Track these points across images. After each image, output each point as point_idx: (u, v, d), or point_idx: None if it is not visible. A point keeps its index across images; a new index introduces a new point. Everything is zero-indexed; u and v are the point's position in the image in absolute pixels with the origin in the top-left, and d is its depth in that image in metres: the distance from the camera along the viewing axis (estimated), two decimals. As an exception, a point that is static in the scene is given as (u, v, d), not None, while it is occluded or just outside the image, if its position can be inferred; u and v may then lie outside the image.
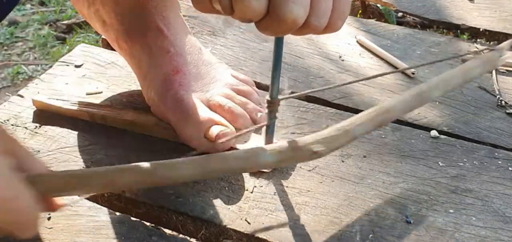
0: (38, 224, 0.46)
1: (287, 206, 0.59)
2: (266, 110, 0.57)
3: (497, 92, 0.77)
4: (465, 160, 0.65)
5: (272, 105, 0.57)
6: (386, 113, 0.54)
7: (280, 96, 0.57)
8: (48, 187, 0.47)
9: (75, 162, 0.64)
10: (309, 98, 0.75)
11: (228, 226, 0.57)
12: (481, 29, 0.95)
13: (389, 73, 0.71)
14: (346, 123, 0.52)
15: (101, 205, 0.60)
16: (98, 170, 0.48)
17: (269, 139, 0.63)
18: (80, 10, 0.74)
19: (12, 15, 1.50)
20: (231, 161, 0.49)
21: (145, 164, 0.48)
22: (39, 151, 0.66)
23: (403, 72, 0.81)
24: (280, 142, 0.51)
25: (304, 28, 0.45)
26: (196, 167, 0.48)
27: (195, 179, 0.60)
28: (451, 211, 0.59)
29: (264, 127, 0.59)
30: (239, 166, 0.50)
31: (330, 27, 0.47)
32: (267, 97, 0.56)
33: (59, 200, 0.49)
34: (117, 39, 0.71)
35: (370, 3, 1.07)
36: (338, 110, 0.73)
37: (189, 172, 0.48)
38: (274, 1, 0.43)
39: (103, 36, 0.88)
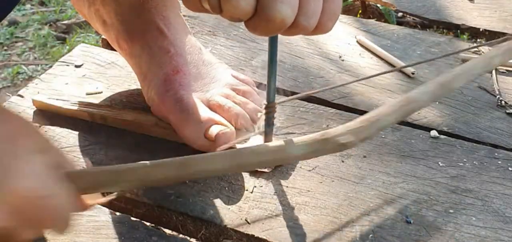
0: (71, 222, 0.46)
1: (287, 206, 0.59)
2: (264, 116, 0.57)
3: (497, 92, 0.77)
4: (465, 160, 0.66)
5: (270, 109, 0.57)
6: (412, 103, 0.53)
7: (277, 100, 0.57)
8: (81, 184, 0.47)
9: (75, 162, 0.64)
10: (309, 99, 0.75)
11: (228, 226, 0.57)
12: (481, 29, 0.95)
13: (387, 72, 0.71)
14: (373, 113, 0.52)
15: (101, 205, 0.60)
16: (131, 166, 0.49)
17: (268, 139, 0.63)
18: (81, 10, 0.74)
19: (12, 15, 1.50)
20: (262, 155, 0.49)
21: (178, 159, 0.49)
22: (39, 151, 0.66)
23: (402, 71, 0.81)
24: (309, 135, 0.51)
25: (293, 28, 0.45)
26: (228, 160, 0.49)
27: (227, 172, 0.61)
28: (451, 211, 0.59)
29: (265, 113, 0.58)
30: (269, 159, 0.50)
31: (320, 28, 0.47)
32: (264, 101, 0.57)
33: (90, 199, 0.50)
34: (117, 39, 0.71)
35: (370, 3, 1.07)
36: (338, 110, 0.73)
37: (221, 165, 0.49)
38: (262, 1, 0.43)
39: (103, 36, 0.88)
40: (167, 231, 0.58)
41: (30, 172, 0.43)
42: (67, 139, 0.68)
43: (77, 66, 0.81)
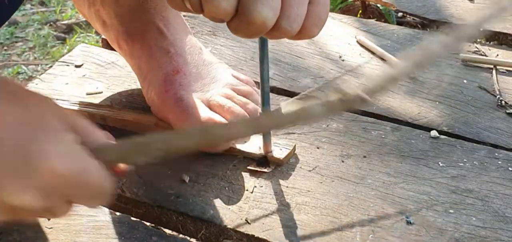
0: (109, 193, 0.48)
1: (287, 206, 0.59)
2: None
3: (497, 92, 0.77)
4: (465, 160, 0.65)
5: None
6: (424, 56, 0.51)
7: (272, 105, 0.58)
8: (111, 157, 0.49)
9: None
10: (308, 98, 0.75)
11: (228, 226, 0.57)
12: (481, 29, 0.95)
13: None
14: (390, 68, 0.51)
15: (101, 205, 0.60)
16: (154, 136, 0.51)
17: (266, 140, 0.63)
18: (81, 10, 0.74)
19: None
20: (284, 117, 0.49)
21: (201, 126, 0.52)
22: (39, 151, 0.66)
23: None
24: (327, 94, 0.51)
25: (275, 31, 0.45)
26: (249, 125, 0.50)
27: (248, 136, 0.62)
28: (451, 211, 0.59)
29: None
30: (291, 120, 0.50)
31: (304, 33, 0.46)
32: (259, 110, 0.57)
33: (123, 166, 0.52)
34: (117, 39, 0.71)
35: (370, 3, 1.07)
36: (338, 110, 0.73)
37: (243, 129, 0.49)
38: (243, 2, 0.43)
39: (103, 36, 0.88)
40: (167, 231, 0.58)
41: (62, 151, 0.44)
42: (67, 139, 0.68)
43: (77, 66, 0.81)
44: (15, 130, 0.44)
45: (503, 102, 0.75)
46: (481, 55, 0.85)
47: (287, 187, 0.61)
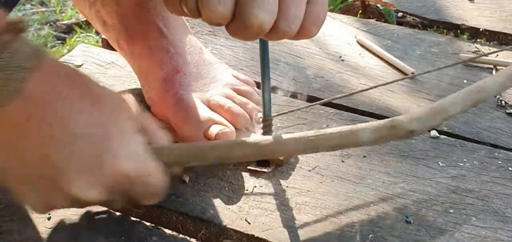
0: (163, 193, 0.52)
1: (287, 206, 0.59)
2: (261, 130, 0.58)
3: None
4: (465, 160, 0.65)
5: (267, 124, 0.58)
6: (481, 92, 0.53)
7: (273, 114, 0.59)
8: (170, 159, 0.53)
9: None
10: (309, 99, 0.75)
11: (228, 226, 0.57)
12: (481, 29, 0.95)
13: (400, 79, 0.71)
14: (441, 101, 0.53)
15: (101, 205, 0.60)
16: (214, 144, 0.55)
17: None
18: (81, 10, 0.74)
19: (12, 15, 1.50)
20: (333, 139, 0.51)
21: (257, 138, 0.54)
22: (39, 151, 0.66)
23: (401, 71, 0.81)
24: (377, 121, 0.52)
25: (274, 33, 0.45)
26: (302, 143, 0.52)
27: (301, 154, 0.63)
28: (451, 211, 0.59)
29: (262, 128, 0.59)
30: (339, 143, 0.52)
31: (303, 33, 0.46)
32: (260, 115, 0.57)
33: (176, 168, 0.56)
34: (118, 39, 0.71)
35: (370, 3, 1.07)
36: (338, 110, 0.73)
37: (296, 147, 0.52)
38: (240, 6, 0.43)
39: (103, 36, 0.88)
40: (167, 231, 0.58)
41: (130, 153, 0.48)
42: (67, 139, 0.68)
43: (77, 66, 0.81)
44: (90, 129, 0.46)
45: (503, 102, 0.75)
46: (481, 55, 0.85)
47: (287, 187, 0.61)
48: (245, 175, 0.63)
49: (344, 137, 0.51)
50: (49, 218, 0.58)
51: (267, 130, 0.59)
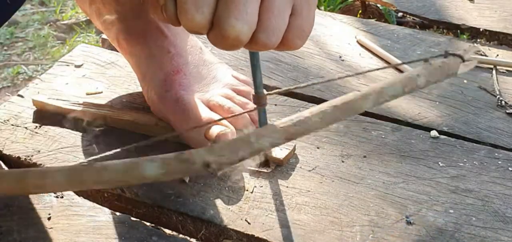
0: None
1: (287, 206, 0.59)
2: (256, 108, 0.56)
3: (497, 92, 0.77)
4: (465, 160, 0.65)
5: (259, 99, 0.55)
6: (301, 125, 0.40)
7: (266, 92, 0.55)
8: None
9: (75, 162, 0.64)
10: (309, 99, 0.75)
11: (228, 226, 0.57)
12: (481, 29, 0.95)
13: (379, 69, 0.70)
14: (249, 132, 0.39)
15: (101, 205, 0.60)
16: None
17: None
18: (82, 7, 0.74)
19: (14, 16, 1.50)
20: (110, 174, 0.41)
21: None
22: (39, 151, 0.66)
23: (398, 70, 0.81)
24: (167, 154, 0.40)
25: (253, 44, 0.44)
26: (67, 176, 0.40)
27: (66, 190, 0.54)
28: (451, 211, 0.59)
29: (256, 104, 0.57)
30: (116, 179, 0.41)
31: (286, 45, 0.45)
32: (252, 92, 0.55)
33: None
34: (118, 38, 0.71)
35: (370, 3, 1.07)
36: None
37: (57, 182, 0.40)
38: (217, 16, 0.42)
39: (103, 36, 0.88)
40: (167, 231, 0.58)
41: None
42: (67, 139, 0.68)
43: (77, 66, 0.81)
44: None
45: (503, 102, 0.75)
46: (481, 55, 0.85)
47: (287, 187, 0.61)
48: (245, 175, 0.63)
49: (126, 171, 0.41)
50: (49, 218, 0.58)
51: (261, 106, 0.56)
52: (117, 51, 0.75)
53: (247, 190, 0.61)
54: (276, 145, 0.40)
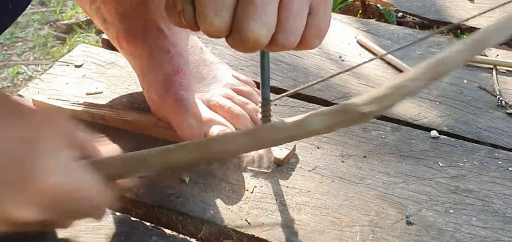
0: (107, 206, 0.49)
1: (287, 206, 0.59)
2: (260, 114, 0.57)
3: (497, 92, 0.77)
4: (465, 160, 0.65)
5: (265, 105, 0.57)
6: (440, 65, 0.48)
7: (272, 97, 0.57)
8: (111, 171, 0.50)
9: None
10: (309, 99, 0.75)
11: (228, 226, 0.57)
12: (481, 29, 0.95)
13: (370, 60, 0.70)
14: (398, 79, 0.48)
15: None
16: (154, 151, 0.50)
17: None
18: (82, 7, 0.74)
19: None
20: (281, 131, 0.48)
21: (197, 141, 0.50)
22: (39, 151, 0.66)
23: (399, 69, 0.81)
24: (328, 107, 0.48)
25: (273, 46, 0.44)
26: (246, 139, 0.48)
27: (245, 152, 0.60)
28: (451, 211, 0.59)
29: (262, 110, 0.58)
30: (289, 135, 0.48)
31: (304, 44, 0.45)
32: (259, 98, 0.57)
33: (121, 182, 0.53)
34: (118, 37, 0.71)
35: (370, 3, 1.07)
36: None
37: (240, 144, 0.48)
38: (236, 19, 0.42)
39: (103, 36, 0.88)
40: (167, 231, 0.58)
41: (57, 169, 0.45)
42: (67, 139, 0.68)
43: (77, 66, 0.81)
44: (14, 145, 0.44)
45: (503, 102, 0.75)
46: (481, 55, 0.85)
47: (287, 187, 0.61)
48: (245, 175, 0.63)
49: (292, 128, 0.47)
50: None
51: (266, 113, 0.58)
52: (117, 51, 0.75)
53: (247, 190, 0.61)
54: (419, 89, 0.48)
